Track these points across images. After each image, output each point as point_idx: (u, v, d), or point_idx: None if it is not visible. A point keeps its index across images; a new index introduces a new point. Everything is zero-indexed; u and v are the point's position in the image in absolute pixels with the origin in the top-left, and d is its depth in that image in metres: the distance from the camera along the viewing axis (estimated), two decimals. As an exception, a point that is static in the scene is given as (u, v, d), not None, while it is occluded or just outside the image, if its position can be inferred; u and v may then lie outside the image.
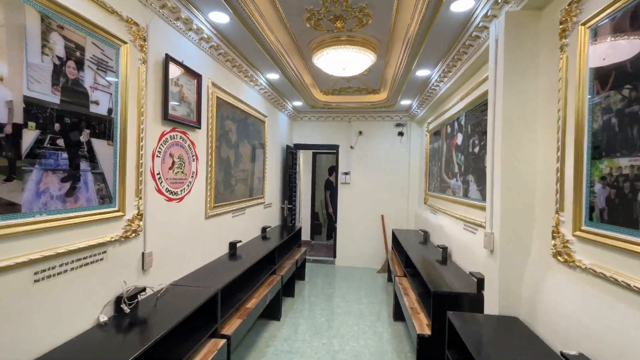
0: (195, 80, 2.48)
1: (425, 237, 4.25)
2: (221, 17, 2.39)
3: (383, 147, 5.73)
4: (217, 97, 2.88)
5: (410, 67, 3.43)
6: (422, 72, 3.51)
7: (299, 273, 4.77)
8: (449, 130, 3.69)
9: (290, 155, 5.51)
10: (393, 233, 5.04)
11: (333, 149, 5.90)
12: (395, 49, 3.20)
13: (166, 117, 2.13)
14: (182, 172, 2.39)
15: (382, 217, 5.75)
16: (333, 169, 7.94)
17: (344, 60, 3.16)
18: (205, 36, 2.50)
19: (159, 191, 2.13)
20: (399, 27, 2.72)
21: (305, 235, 7.45)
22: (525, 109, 1.80)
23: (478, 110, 2.76)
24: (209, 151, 2.74)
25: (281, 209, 5.19)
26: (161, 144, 2.13)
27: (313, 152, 7.52)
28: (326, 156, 10.76)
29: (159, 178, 2.12)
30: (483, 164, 2.60)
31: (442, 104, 4.01)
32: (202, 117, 2.59)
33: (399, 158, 5.69)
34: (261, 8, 2.42)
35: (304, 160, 7.44)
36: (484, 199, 2.57)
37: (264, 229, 4.21)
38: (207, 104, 2.71)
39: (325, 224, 8.47)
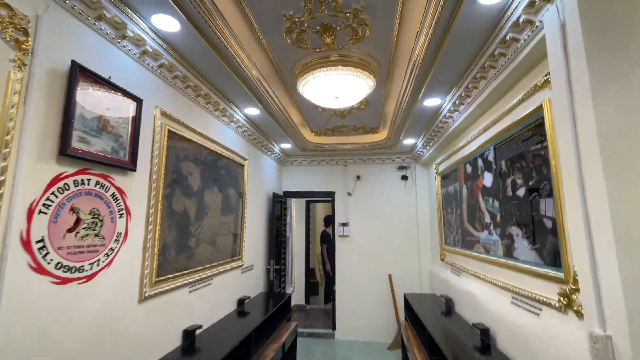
0: (133, 106, 1.80)
1: (449, 307, 3.30)
2: (169, 23, 1.78)
3: (385, 193, 5.00)
4: (170, 131, 2.18)
5: (417, 95, 2.83)
6: (431, 101, 2.91)
7: (288, 358, 3.69)
8: (469, 169, 2.98)
9: (278, 205, 4.73)
10: (405, 298, 4.07)
11: (328, 197, 5.15)
12: (398, 72, 2.62)
13: (65, 151, 1.39)
14: (97, 236, 1.58)
15: (390, 277, 4.79)
16: (330, 219, 7.12)
17: (336, 87, 2.55)
18: (150, 49, 1.88)
19: (40, 269, 1.30)
20: (405, 39, 2.15)
21: (299, 298, 6.36)
22: (635, 118, 1.09)
23: (517, 140, 2.06)
24: (151, 202, 1.97)
25: (266, 271, 4.26)
26: (52, 194, 1.36)
27: (307, 201, 6.76)
28: (322, 204, 9.99)
29: (41, 248, 1.31)
30: (538, 211, 1.83)
31: (455, 140, 3.37)
32: (139, 156, 1.86)
33: (405, 205, 4.92)
34: (224, 12, 1.84)
35: (296, 209, 6.65)
36: (545, 262, 1.75)
37: (240, 302, 3.26)
38: (151, 139, 2.00)
39: (323, 283, 7.40)
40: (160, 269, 2.04)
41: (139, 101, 1.83)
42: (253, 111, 3.13)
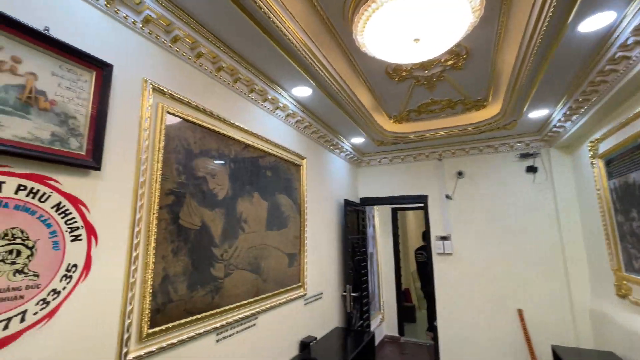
0: (92, 75, 1.21)
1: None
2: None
3: (502, 192, 3.58)
4: (173, 115, 1.56)
5: (566, 15, 1.59)
6: (596, 20, 1.62)
7: None
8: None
9: (354, 215, 3.83)
10: (555, 354, 2.62)
11: (419, 202, 3.99)
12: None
13: None
14: (20, 272, 0.99)
15: (520, 313, 3.31)
16: (425, 236, 5.83)
17: (414, 19, 1.57)
18: (120, -8, 1.28)
19: None
20: None
21: (391, 327, 5.24)
22: None
23: None
24: (138, 216, 1.33)
25: (341, 298, 3.38)
26: None
27: (393, 208, 5.66)
28: (415, 212, 8.63)
29: None
30: None
31: (643, 90, 1.92)
32: (109, 148, 1.25)
33: (536, 209, 3.40)
34: None
35: (381, 220, 5.61)
36: None
37: (304, 346, 2.45)
38: (137, 124, 1.39)
39: (422, 306, 6.08)
40: (157, 315, 1.38)
41: (103, 68, 1.23)
42: (304, 91, 2.36)
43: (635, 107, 2.03)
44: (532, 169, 3.46)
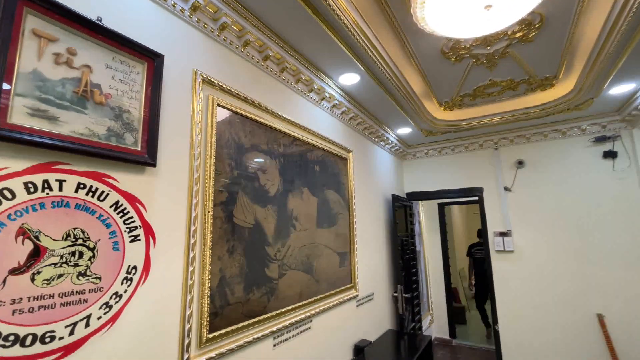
0: (144, 66, 1.15)
1: None
2: None
3: (572, 182, 3.17)
4: (224, 108, 1.48)
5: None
6: None
7: None
8: None
9: (401, 211, 3.61)
10: (654, 371, 2.23)
11: (472, 195, 3.68)
12: None
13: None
14: (83, 275, 0.94)
15: (601, 319, 2.91)
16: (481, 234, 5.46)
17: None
18: (168, -22, 1.21)
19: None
20: None
21: (442, 330, 4.93)
22: None
23: None
24: (194, 214, 1.26)
25: (392, 299, 3.19)
26: (-31, 208, 0.76)
27: (439, 204, 5.33)
28: (459, 208, 8.14)
29: (-58, 310, 0.71)
30: None
31: None
32: (162, 143, 1.19)
33: (618, 201, 2.96)
34: None
35: (426, 215, 5.30)
36: None
37: (358, 350, 2.31)
38: (189, 117, 1.32)
39: (471, 307, 5.70)
40: (216, 319, 1.31)
41: (155, 58, 1.17)
42: (351, 78, 2.20)
43: None
44: (610, 154, 3.02)
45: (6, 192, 0.82)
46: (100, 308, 0.97)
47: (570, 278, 3.07)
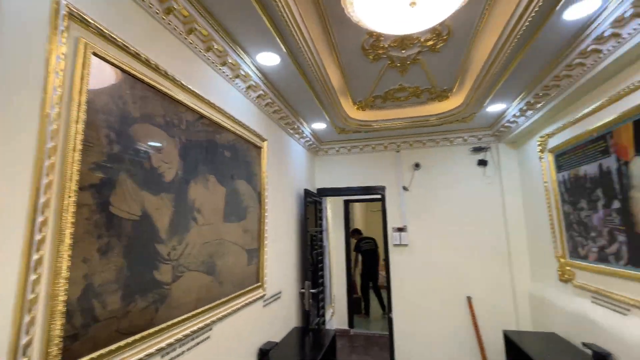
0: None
1: (604, 366, 1.94)
2: None
3: (455, 185, 3.68)
4: (102, 60, 1.10)
5: (556, 1, 1.54)
6: (581, 7, 1.60)
7: None
8: (656, 128, 1.64)
9: (312, 207, 3.59)
10: (507, 338, 2.74)
11: (377, 193, 3.92)
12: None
13: None
14: None
15: (470, 301, 3.46)
16: (357, 232, 5.96)
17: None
18: None
19: None
20: None
21: (341, 321, 5.17)
22: None
23: None
24: (42, 200, 0.88)
25: (299, 296, 3.12)
26: None
27: (345, 200, 5.58)
28: (360, 205, 8.75)
29: None
30: None
31: (608, 82, 2.01)
32: (-11, 88, 0.79)
33: (485, 201, 3.57)
34: None
35: (332, 211, 5.48)
36: None
37: (263, 353, 2.13)
38: (43, 64, 0.92)
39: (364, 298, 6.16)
40: (75, 343, 0.96)
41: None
42: (271, 59, 2.01)
43: (591, 104, 2.15)
44: (482, 163, 3.62)
45: None
46: None
47: (450, 267, 3.56)
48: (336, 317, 5.11)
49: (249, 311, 2.07)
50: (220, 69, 1.85)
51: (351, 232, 5.84)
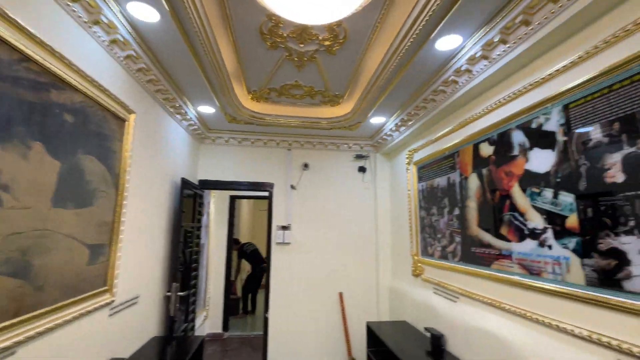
0: None
1: (436, 345, 2.33)
2: None
3: (339, 188, 3.91)
4: None
5: (432, 28, 1.77)
6: (449, 41, 1.88)
7: None
8: (486, 151, 2.07)
9: (191, 199, 3.20)
10: (369, 329, 3.01)
11: (265, 189, 3.81)
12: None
13: None
14: None
15: (341, 296, 3.70)
16: (237, 242, 5.89)
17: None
18: None
19: None
20: None
21: (215, 325, 4.81)
22: None
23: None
24: None
25: (165, 300, 2.71)
26: None
27: (231, 196, 5.26)
28: (248, 202, 8.47)
29: None
30: None
31: (458, 111, 2.44)
32: None
33: (362, 205, 3.91)
34: None
35: (216, 207, 5.09)
36: None
37: (100, 374, 1.71)
38: None
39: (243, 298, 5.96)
40: None
41: None
42: (147, 13, 1.65)
43: (446, 126, 2.59)
44: (362, 169, 3.96)
45: None
46: None
47: (327, 265, 3.74)
48: (210, 320, 4.73)
49: (86, 323, 1.63)
50: (69, 5, 1.40)
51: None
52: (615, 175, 1.25)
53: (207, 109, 3.03)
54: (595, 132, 1.35)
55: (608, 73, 1.29)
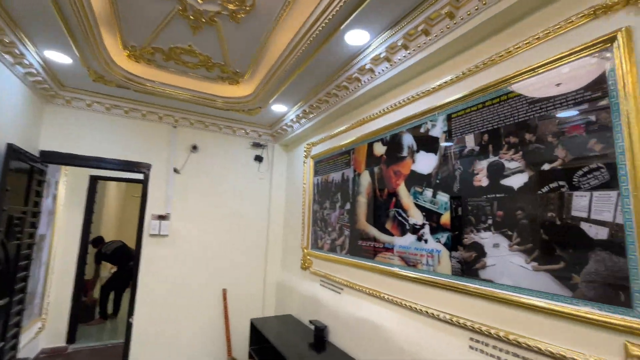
0: None
1: (319, 336, 2.38)
2: None
3: (232, 176, 3.60)
4: None
5: (342, 21, 1.73)
6: (356, 36, 1.88)
7: None
8: (379, 150, 2.18)
9: (24, 175, 2.37)
10: (253, 326, 2.86)
11: (139, 171, 3.17)
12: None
13: None
14: None
15: (225, 293, 3.42)
16: (100, 241, 5.00)
17: None
18: None
19: None
20: None
21: (57, 337, 3.81)
22: None
23: (518, 102, 1.36)
24: None
25: (-39, 314, 1.90)
26: None
27: (92, 176, 4.25)
28: (119, 186, 7.13)
29: None
30: (565, 212, 1.14)
31: (356, 110, 2.51)
32: None
33: (257, 196, 3.71)
34: None
35: (69, 188, 4.02)
36: (583, 296, 1.07)
37: None
38: None
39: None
40: None
41: None
42: None
43: (345, 123, 2.64)
44: (258, 159, 3.75)
45: None
46: None
47: (212, 259, 3.40)
48: (47, 332, 3.71)
49: None
50: None
51: (92, 243, 4.63)
52: (482, 179, 1.45)
53: (60, 57, 2.28)
54: (469, 141, 1.54)
55: (482, 91, 1.49)
